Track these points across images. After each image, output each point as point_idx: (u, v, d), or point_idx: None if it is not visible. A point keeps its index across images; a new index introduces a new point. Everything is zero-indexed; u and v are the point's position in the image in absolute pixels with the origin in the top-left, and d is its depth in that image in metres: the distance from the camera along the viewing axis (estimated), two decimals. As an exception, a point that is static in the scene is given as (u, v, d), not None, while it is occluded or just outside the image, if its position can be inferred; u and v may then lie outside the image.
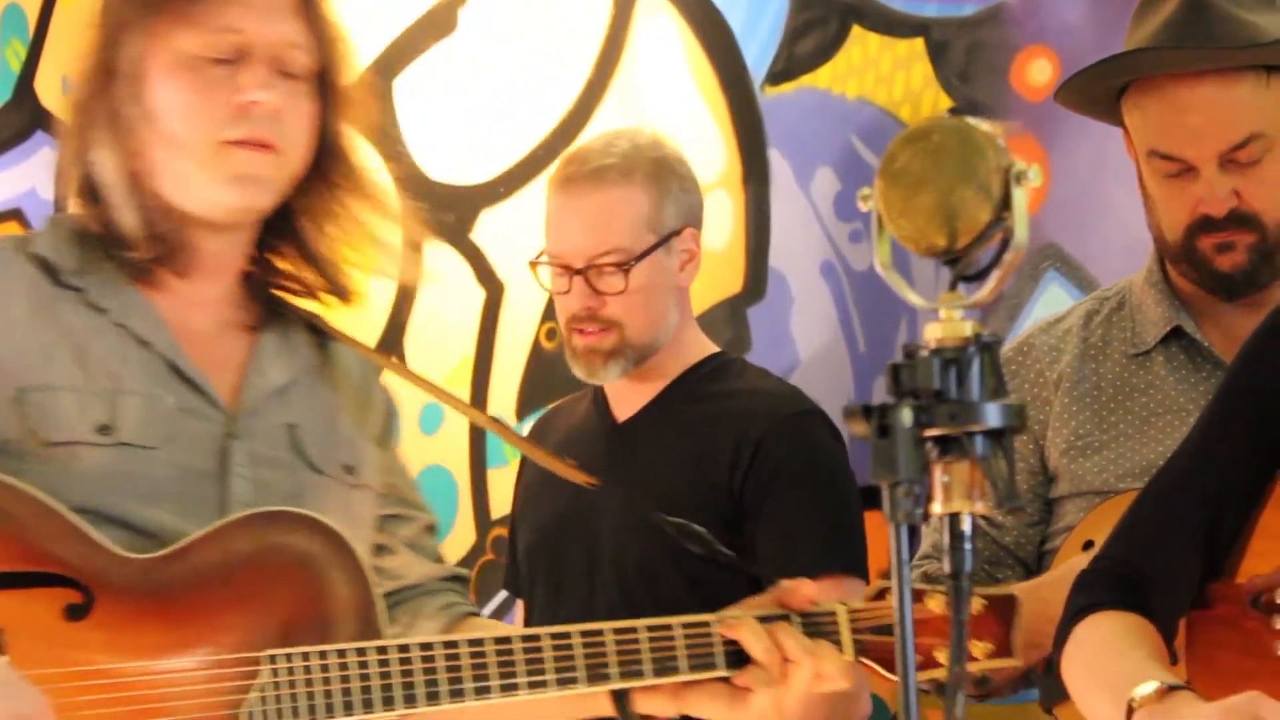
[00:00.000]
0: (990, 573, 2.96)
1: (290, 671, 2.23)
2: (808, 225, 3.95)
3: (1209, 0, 2.90)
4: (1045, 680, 2.55)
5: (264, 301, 2.48)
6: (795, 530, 2.99)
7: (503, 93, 4.31)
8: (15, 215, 5.06)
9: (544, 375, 4.18)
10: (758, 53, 4.02)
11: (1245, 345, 2.28)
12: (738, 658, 2.31)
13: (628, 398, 3.41)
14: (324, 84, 2.41)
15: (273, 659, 2.23)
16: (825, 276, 3.94)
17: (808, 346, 3.94)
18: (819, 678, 2.29)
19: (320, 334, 2.53)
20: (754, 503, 3.15)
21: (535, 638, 2.30)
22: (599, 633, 2.30)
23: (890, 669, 2.36)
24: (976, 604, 2.34)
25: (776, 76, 4.00)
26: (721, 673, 2.31)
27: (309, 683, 2.23)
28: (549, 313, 4.07)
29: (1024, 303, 3.70)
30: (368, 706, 2.24)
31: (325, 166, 2.44)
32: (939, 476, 1.53)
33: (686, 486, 3.00)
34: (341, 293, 2.51)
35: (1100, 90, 3.00)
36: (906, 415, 1.49)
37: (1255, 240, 2.88)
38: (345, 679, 2.24)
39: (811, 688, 2.30)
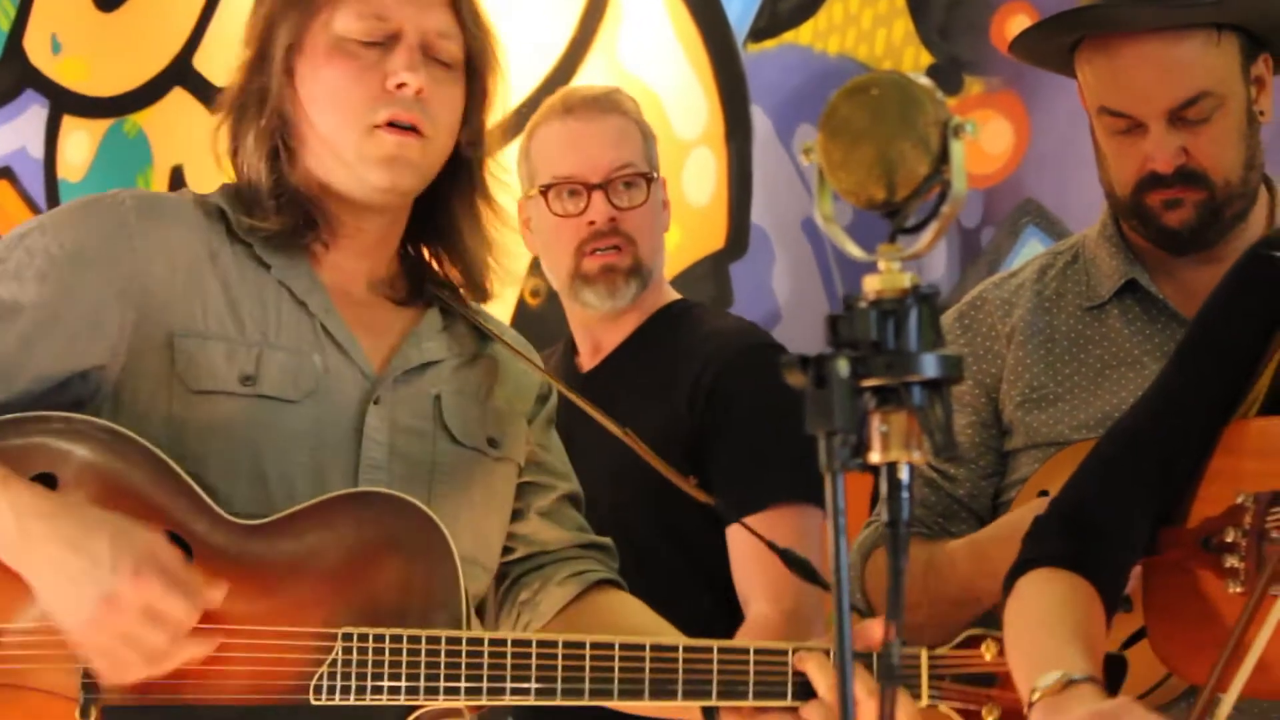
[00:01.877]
0: (944, 525, 2.97)
1: (362, 650, 2.29)
2: (789, 182, 3.97)
3: None
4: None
5: (423, 285, 2.55)
6: (754, 459, 3.00)
7: (487, 50, 4.32)
8: (5, 174, 5.08)
9: (528, 333, 4.20)
10: (740, 10, 4.04)
11: (1207, 298, 2.29)
12: (806, 689, 2.33)
13: (596, 345, 3.43)
14: (470, 74, 2.48)
15: (346, 636, 2.29)
16: (807, 232, 3.96)
17: (789, 302, 3.96)
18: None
19: (479, 330, 2.59)
20: (713, 433, 3.15)
21: (608, 646, 2.34)
22: (673, 649, 2.34)
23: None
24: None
25: (759, 33, 4.02)
26: (789, 704, 2.34)
27: (378, 663, 2.28)
28: (534, 268, 4.08)
29: (1003, 257, 3.72)
30: (432, 694, 2.29)
31: (467, 158, 2.51)
32: (876, 426, 1.54)
33: (649, 425, 3.01)
34: (478, 290, 2.58)
35: (1053, 46, 3.00)
36: (843, 366, 1.51)
37: (1204, 198, 2.89)
38: (414, 664, 2.29)
39: None
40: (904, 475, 1.54)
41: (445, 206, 2.54)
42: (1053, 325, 3.01)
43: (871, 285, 1.55)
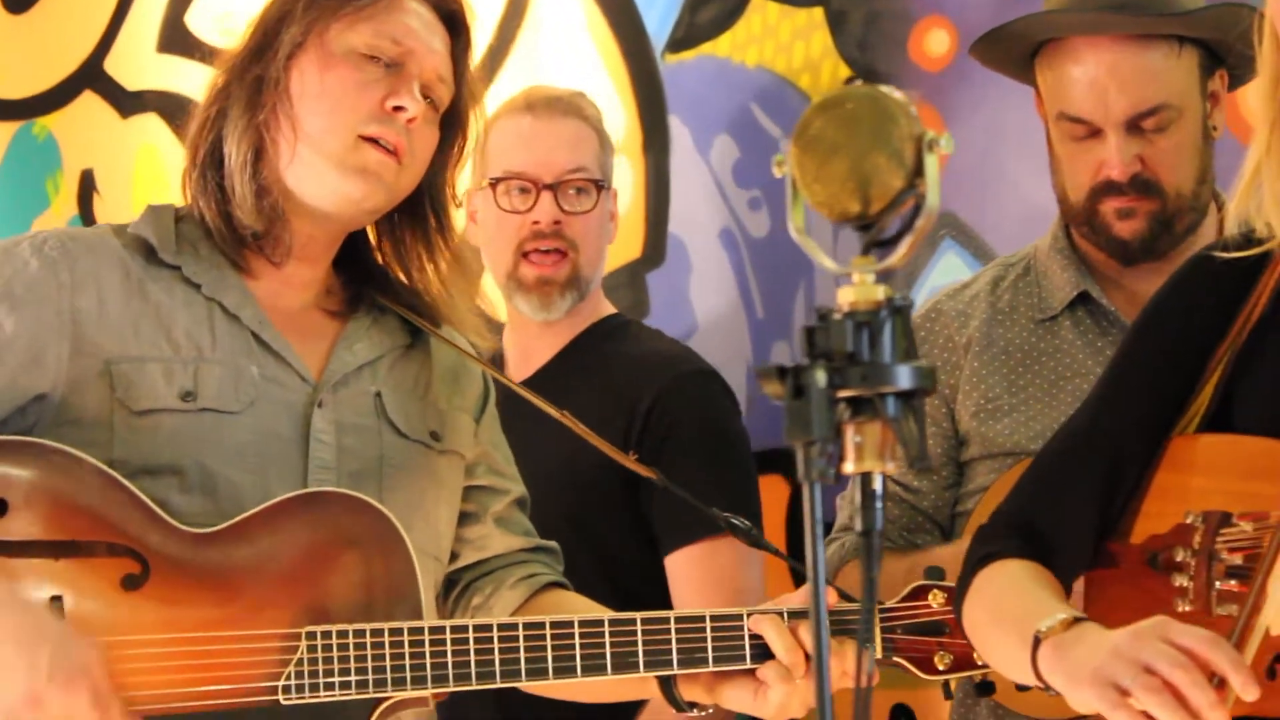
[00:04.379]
0: (909, 539, 2.99)
1: (327, 648, 2.33)
2: (707, 192, 3.98)
3: None
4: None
5: (356, 288, 2.59)
6: (689, 488, 3.02)
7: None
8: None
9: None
10: (659, 20, 4.04)
11: (1146, 305, 2.31)
12: (764, 652, 2.38)
13: (526, 357, 3.42)
14: (449, 124, 2.54)
15: (310, 635, 2.32)
16: (724, 243, 3.97)
17: (706, 312, 3.97)
18: (843, 676, 2.34)
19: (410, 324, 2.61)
20: (650, 460, 3.16)
21: (568, 624, 2.39)
22: (631, 621, 2.39)
23: (924, 669, 2.41)
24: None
25: (677, 44, 4.03)
26: (747, 665, 2.39)
27: (344, 659, 2.32)
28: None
29: (920, 270, 3.74)
30: (399, 685, 2.34)
31: (423, 199, 2.56)
32: (851, 437, 1.55)
33: (585, 448, 3.01)
34: (429, 316, 2.60)
35: (1016, 49, 3.03)
36: (820, 376, 1.52)
37: (1156, 208, 2.92)
38: (379, 657, 2.33)
39: (834, 684, 2.34)
40: (877, 485, 1.56)
41: (400, 238, 2.59)
42: (1007, 338, 3.04)
43: (846, 297, 1.57)
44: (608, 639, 2.39)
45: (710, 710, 2.48)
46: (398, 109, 2.45)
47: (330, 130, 2.44)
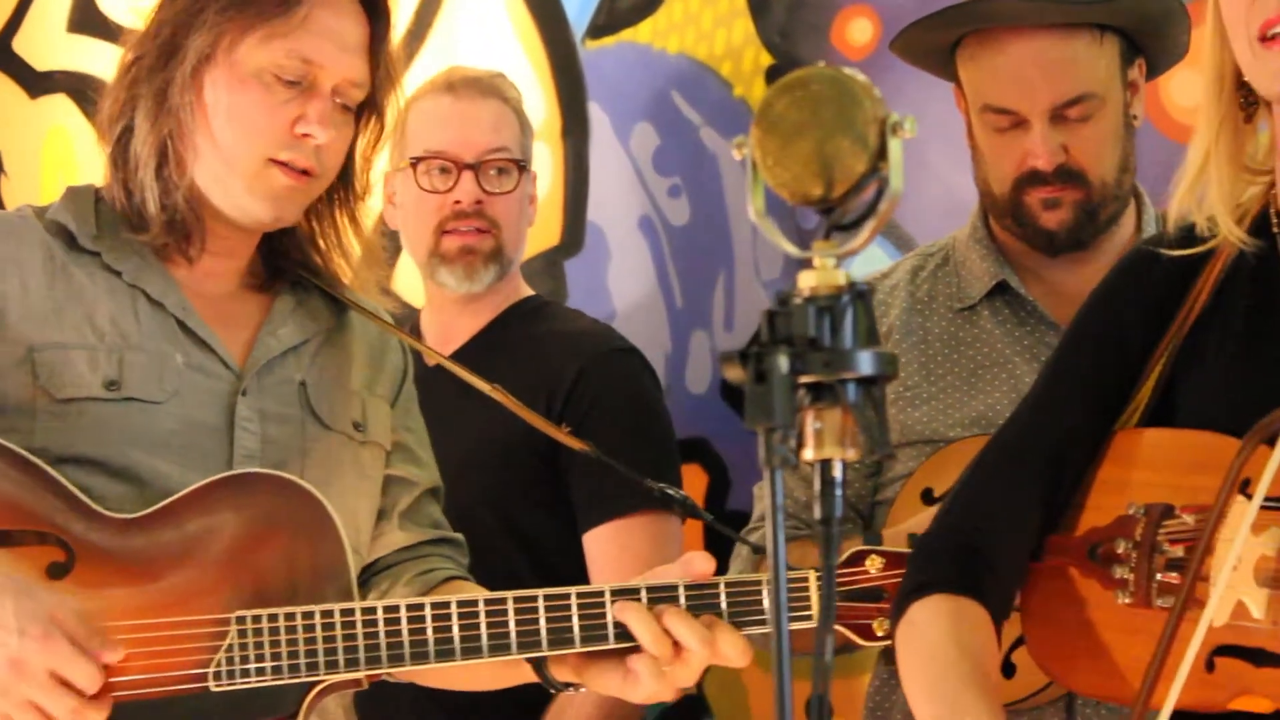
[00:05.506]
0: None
1: (258, 632, 2.29)
2: (626, 179, 3.96)
3: None
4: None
5: (279, 270, 2.56)
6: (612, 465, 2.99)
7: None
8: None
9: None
10: (579, 6, 4.02)
11: (1086, 300, 2.31)
12: (628, 633, 2.33)
13: (446, 336, 3.40)
14: (365, 114, 2.52)
15: (240, 619, 2.29)
16: (643, 230, 3.95)
17: (624, 300, 3.95)
18: (718, 659, 2.31)
19: (336, 300, 2.59)
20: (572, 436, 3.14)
21: (500, 601, 2.34)
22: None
23: (864, 635, 2.39)
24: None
25: (598, 30, 4.00)
26: (611, 646, 2.34)
27: (275, 643, 2.29)
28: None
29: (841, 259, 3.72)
30: (331, 667, 2.30)
31: (335, 185, 2.54)
32: (810, 423, 1.53)
33: (504, 426, 2.99)
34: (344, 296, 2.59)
35: (936, 41, 3.02)
36: (783, 361, 1.50)
37: (1081, 198, 2.93)
38: (311, 640, 2.29)
39: (711, 663, 2.33)
40: (836, 473, 1.54)
41: (315, 221, 2.58)
42: (926, 327, 3.04)
43: (807, 281, 1.54)
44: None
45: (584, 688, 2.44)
46: (307, 136, 2.43)
47: (240, 153, 2.42)
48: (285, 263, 2.57)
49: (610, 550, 3.19)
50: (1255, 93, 2.13)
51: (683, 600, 2.32)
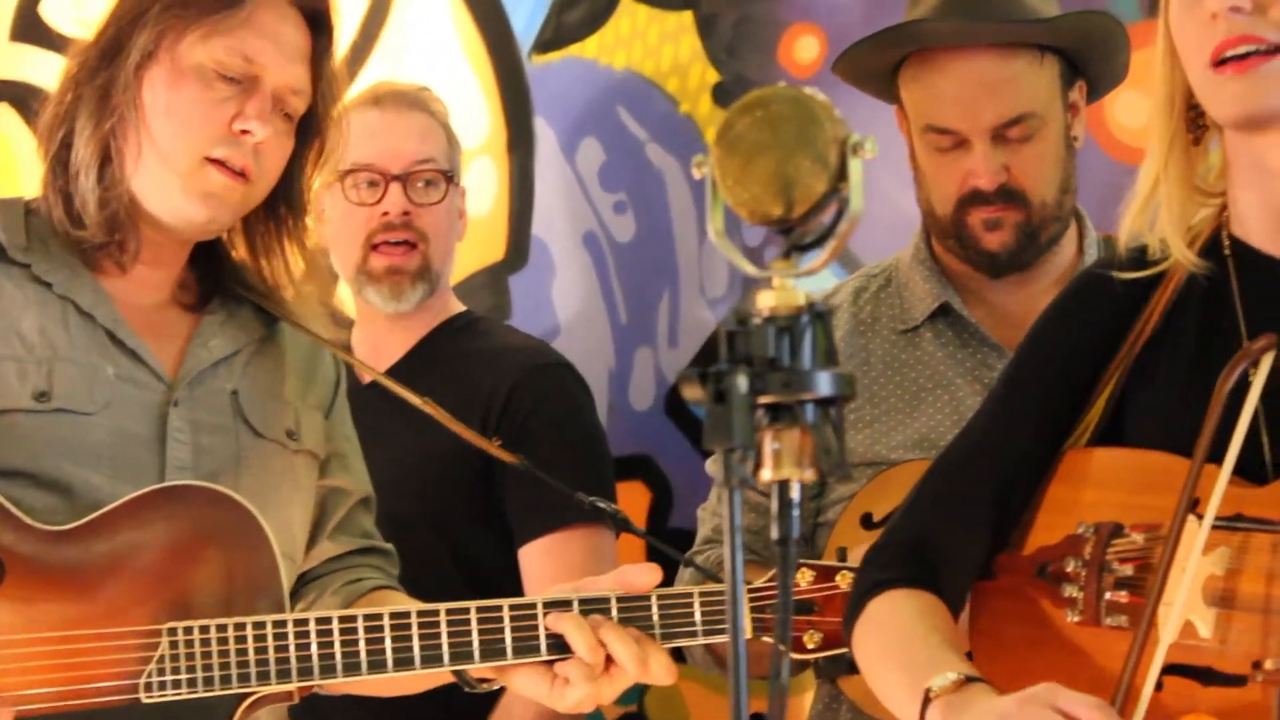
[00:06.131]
0: (772, 550, 2.98)
1: (189, 644, 2.28)
2: (571, 195, 3.96)
3: None
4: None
5: (211, 281, 2.55)
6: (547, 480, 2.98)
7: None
8: None
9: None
10: (526, 20, 4.01)
11: (1037, 320, 2.32)
12: (561, 644, 2.35)
13: (377, 353, 3.39)
14: (306, 128, 2.50)
15: (171, 631, 2.29)
16: (587, 246, 3.95)
17: (568, 316, 3.95)
18: (647, 678, 2.34)
19: (267, 312, 2.58)
20: (506, 450, 3.13)
21: (433, 613, 2.36)
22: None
23: (794, 648, 2.40)
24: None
25: (544, 45, 4.00)
26: (544, 658, 2.35)
27: (206, 655, 2.28)
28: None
29: (786, 278, 3.72)
30: (263, 679, 2.30)
31: (279, 203, 2.53)
32: (769, 444, 1.53)
33: (439, 442, 2.99)
34: (281, 311, 2.58)
35: (878, 63, 3.03)
36: (742, 381, 1.50)
37: (1022, 219, 2.94)
38: (242, 652, 2.29)
39: (640, 682, 2.35)
40: (794, 494, 1.54)
41: (255, 237, 2.57)
42: (868, 349, 3.04)
43: (766, 301, 1.54)
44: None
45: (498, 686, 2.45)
46: (245, 133, 2.42)
47: (176, 150, 2.41)
48: (220, 279, 2.56)
49: (545, 564, 3.18)
50: (1206, 115, 2.14)
51: (615, 612, 2.33)
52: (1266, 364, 2.06)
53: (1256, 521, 1.99)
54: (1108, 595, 2.08)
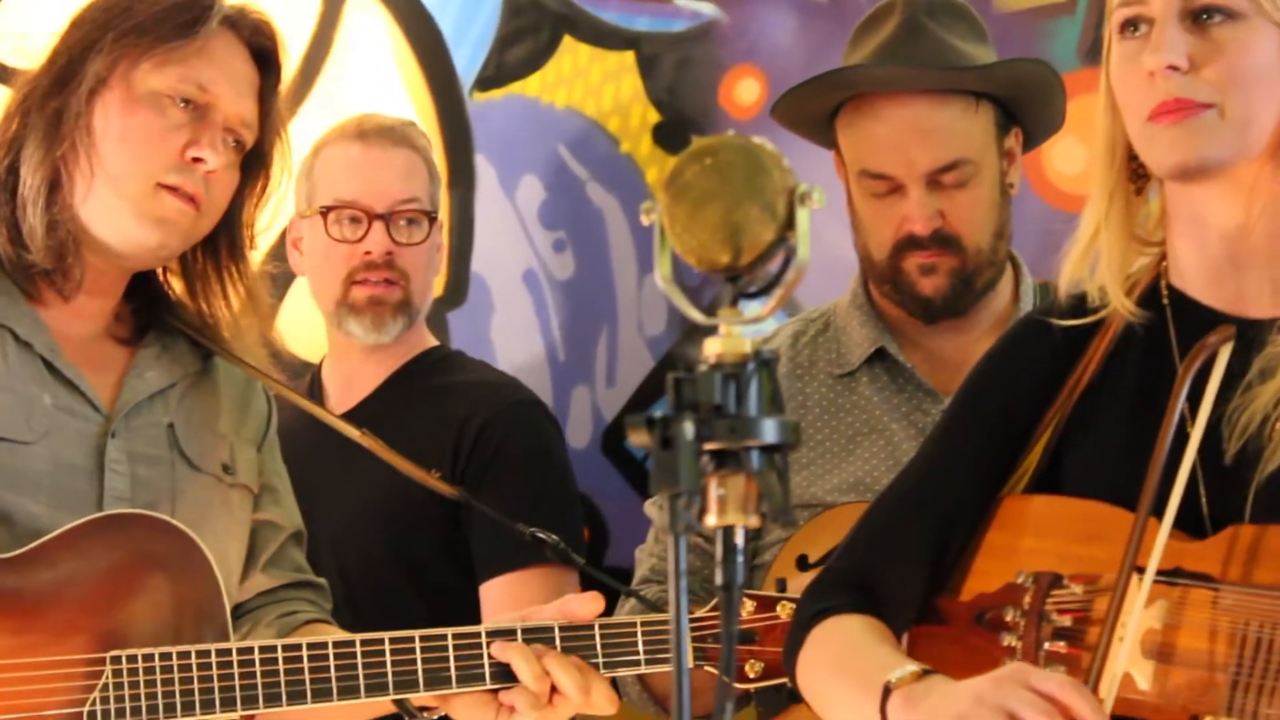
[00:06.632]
0: (711, 590, 2.98)
1: (133, 672, 2.27)
2: (511, 232, 3.97)
3: (925, 25, 2.98)
4: (763, 691, 2.59)
5: (147, 314, 2.55)
6: (512, 513, 2.99)
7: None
8: None
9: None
10: (468, 58, 4.02)
11: (975, 366, 2.33)
12: (506, 673, 2.37)
13: (350, 386, 3.39)
14: (250, 164, 2.52)
15: (115, 659, 2.28)
16: (527, 284, 3.95)
17: (507, 353, 3.95)
18: (589, 708, 2.36)
19: (201, 346, 2.58)
20: (473, 487, 3.12)
21: (378, 641, 2.38)
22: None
23: (735, 677, 2.41)
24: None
25: (486, 82, 4.01)
26: (487, 687, 2.38)
27: (150, 683, 2.28)
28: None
29: (724, 320, 3.73)
30: (208, 708, 2.29)
31: (219, 240, 2.54)
32: (714, 489, 1.54)
33: (407, 478, 2.98)
34: (217, 345, 2.58)
35: (815, 108, 3.05)
36: (689, 427, 1.50)
37: (957, 264, 2.96)
38: (187, 680, 2.29)
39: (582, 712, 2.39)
40: (739, 539, 1.55)
41: (194, 272, 2.58)
42: (805, 392, 3.05)
43: (712, 348, 1.55)
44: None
45: (440, 714, 2.47)
46: (198, 160, 2.43)
47: (129, 176, 2.42)
48: (155, 313, 2.56)
49: (505, 602, 3.18)
50: (1146, 165, 2.16)
51: (558, 642, 2.35)
52: (1224, 357, 2.08)
53: (1195, 577, 2.01)
54: (1046, 645, 2.09)
